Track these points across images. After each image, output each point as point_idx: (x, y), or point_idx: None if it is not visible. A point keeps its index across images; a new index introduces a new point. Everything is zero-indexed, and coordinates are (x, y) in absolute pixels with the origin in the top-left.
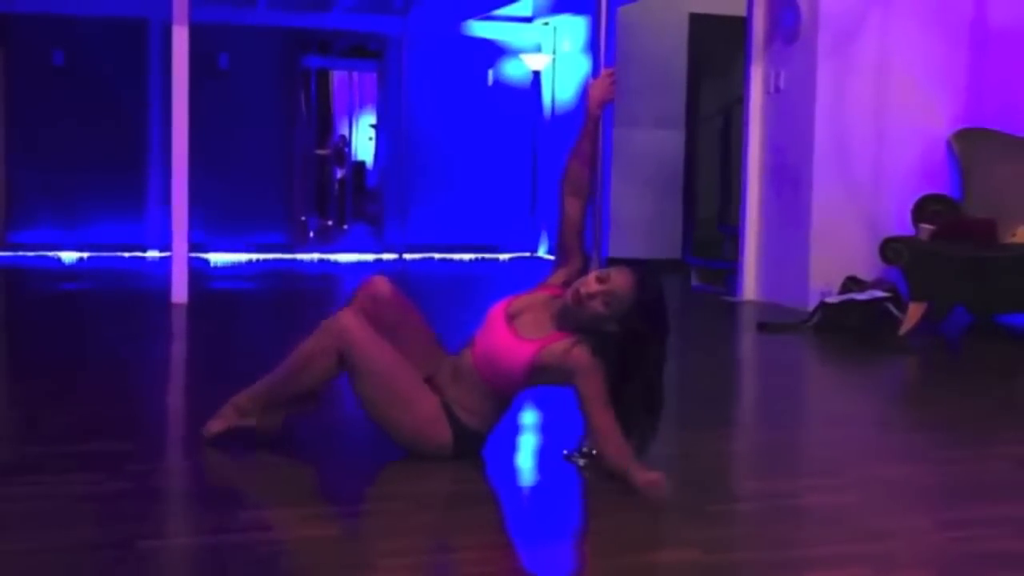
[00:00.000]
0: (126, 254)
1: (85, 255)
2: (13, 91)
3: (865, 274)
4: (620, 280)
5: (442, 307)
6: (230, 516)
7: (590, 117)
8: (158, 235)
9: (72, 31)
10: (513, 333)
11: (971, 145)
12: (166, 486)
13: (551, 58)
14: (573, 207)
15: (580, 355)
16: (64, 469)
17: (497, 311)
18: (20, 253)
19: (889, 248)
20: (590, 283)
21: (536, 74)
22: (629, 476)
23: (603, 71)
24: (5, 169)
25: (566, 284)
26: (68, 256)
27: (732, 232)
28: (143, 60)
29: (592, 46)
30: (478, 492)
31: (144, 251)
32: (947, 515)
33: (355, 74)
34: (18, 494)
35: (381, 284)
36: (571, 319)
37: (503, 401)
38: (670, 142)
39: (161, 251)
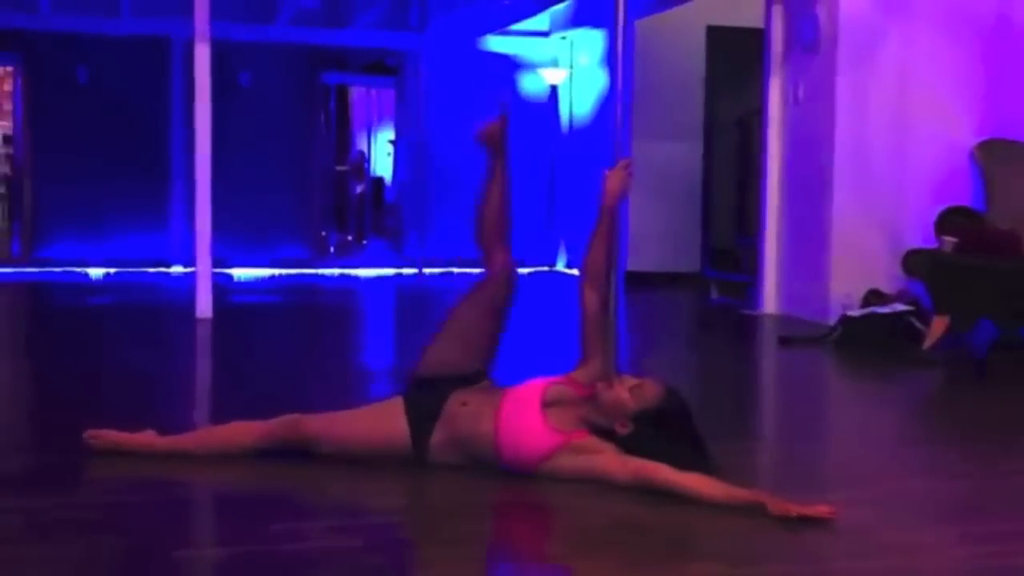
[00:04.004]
0: (150, 269)
1: (111, 271)
2: (39, 109)
3: (887, 287)
4: (651, 384)
5: None
6: (259, 527)
7: (605, 210)
8: (182, 250)
9: (96, 50)
10: (544, 420)
11: (994, 156)
12: (195, 498)
13: (568, 72)
14: (591, 300)
15: (610, 447)
16: (92, 480)
17: (534, 395)
18: (47, 269)
19: (911, 261)
20: (624, 377)
21: (553, 88)
22: (765, 507)
23: (620, 162)
24: (31, 186)
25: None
26: (94, 272)
27: (751, 244)
28: (166, 78)
29: (609, 59)
30: (501, 504)
31: (168, 266)
32: (973, 529)
33: (373, 90)
34: (47, 504)
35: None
36: (596, 411)
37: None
38: (688, 154)
39: (185, 266)
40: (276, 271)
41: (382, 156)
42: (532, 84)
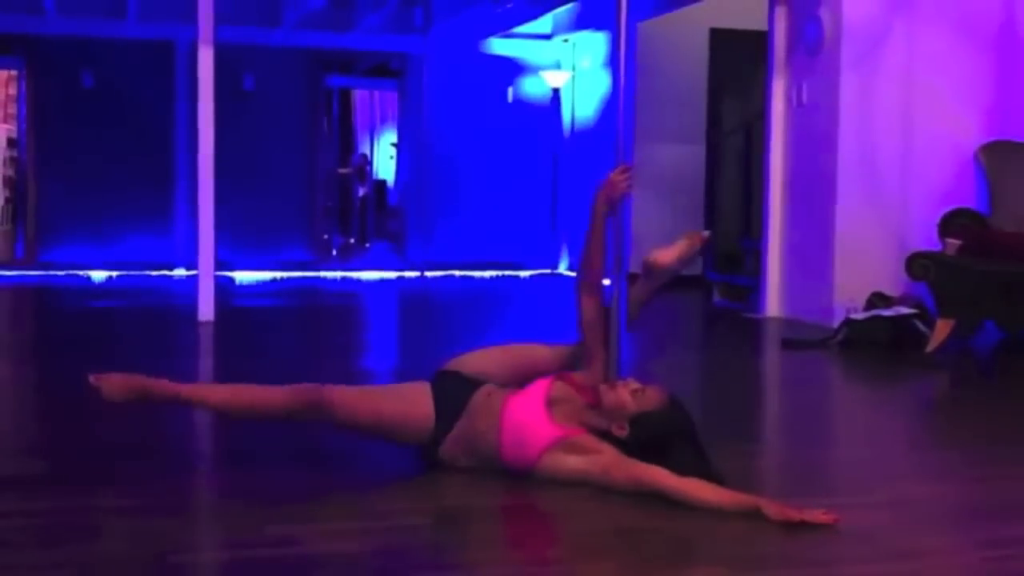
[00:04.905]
0: (154, 272)
1: (114, 273)
2: (43, 112)
3: (891, 290)
4: (654, 389)
5: (464, 324)
6: (256, 531)
7: (600, 216)
8: (185, 253)
9: (101, 53)
10: (547, 415)
11: (999, 158)
12: (193, 501)
13: (571, 75)
14: (589, 305)
15: (608, 447)
16: (92, 484)
17: (539, 392)
18: (51, 272)
19: (916, 263)
20: (628, 381)
21: (556, 91)
22: (763, 512)
23: (619, 166)
24: (36, 189)
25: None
26: (97, 275)
27: (754, 247)
28: (170, 81)
29: (612, 62)
30: (503, 508)
31: (172, 269)
32: (980, 534)
33: (376, 93)
34: (46, 508)
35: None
36: (596, 415)
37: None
38: (691, 157)
39: (188, 269)
40: (279, 274)
41: (385, 159)
42: (534, 87)
